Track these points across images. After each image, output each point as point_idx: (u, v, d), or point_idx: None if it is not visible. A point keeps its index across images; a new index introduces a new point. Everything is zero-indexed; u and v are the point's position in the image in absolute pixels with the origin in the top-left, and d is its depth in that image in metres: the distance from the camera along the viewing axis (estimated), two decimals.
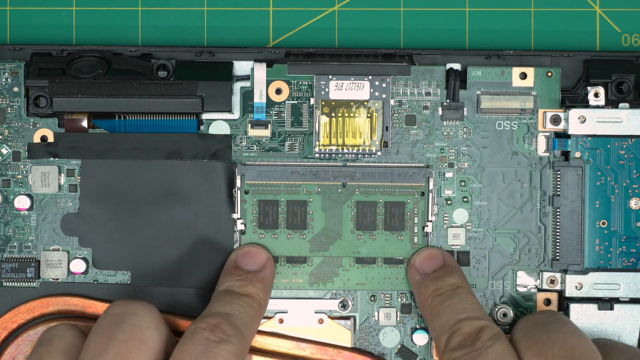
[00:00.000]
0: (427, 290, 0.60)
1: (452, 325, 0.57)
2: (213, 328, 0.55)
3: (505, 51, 0.64)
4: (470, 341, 0.55)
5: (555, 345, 0.54)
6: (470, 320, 0.56)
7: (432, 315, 0.59)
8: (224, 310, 0.57)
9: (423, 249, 0.63)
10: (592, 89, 0.63)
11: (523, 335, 0.56)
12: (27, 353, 0.63)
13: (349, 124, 0.63)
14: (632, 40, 0.68)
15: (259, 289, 0.60)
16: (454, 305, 0.58)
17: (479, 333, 0.55)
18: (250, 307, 0.58)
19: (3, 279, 0.63)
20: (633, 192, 0.63)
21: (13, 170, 0.64)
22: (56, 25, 0.68)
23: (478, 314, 0.57)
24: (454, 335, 0.56)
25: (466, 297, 0.59)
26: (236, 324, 0.56)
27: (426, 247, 0.63)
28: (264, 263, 0.61)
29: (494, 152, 0.64)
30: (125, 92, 0.62)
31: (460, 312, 0.57)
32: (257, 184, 0.63)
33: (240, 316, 0.57)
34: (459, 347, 0.55)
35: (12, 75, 0.63)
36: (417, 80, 0.64)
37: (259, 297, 0.59)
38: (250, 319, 0.58)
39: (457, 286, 0.59)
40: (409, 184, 0.63)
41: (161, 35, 0.68)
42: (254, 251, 0.62)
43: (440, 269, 0.61)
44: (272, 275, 0.62)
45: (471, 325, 0.56)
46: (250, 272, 0.60)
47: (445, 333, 0.57)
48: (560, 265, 0.63)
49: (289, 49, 0.64)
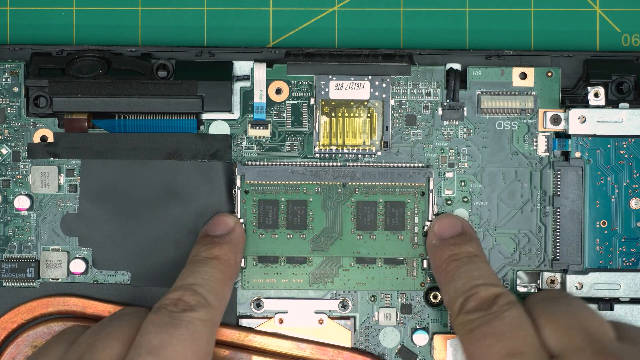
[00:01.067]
0: (442, 254, 0.60)
1: (468, 289, 0.57)
2: (176, 302, 0.56)
3: (505, 51, 0.64)
4: (486, 305, 0.55)
5: (568, 315, 0.55)
6: (486, 286, 0.57)
7: (446, 279, 0.59)
8: (187, 281, 0.57)
9: (443, 215, 0.63)
10: (592, 89, 0.63)
11: (536, 306, 0.56)
12: (27, 353, 0.63)
13: (349, 124, 0.63)
14: (632, 40, 0.68)
15: (225, 250, 0.60)
16: (470, 272, 0.58)
17: (495, 298, 0.56)
18: (217, 270, 0.58)
19: (3, 279, 0.63)
20: (633, 192, 0.63)
21: (13, 170, 0.64)
22: (56, 25, 0.68)
23: (494, 281, 0.58)
24: (470, 299, 0.56)
25: (483, 265, 0.59)
26: (200, 292, 0.56)
27: (447, 214, 0.63)
28: (232, 227, 0.61)
29: (494, 152, 0.64)
30: (125, 92, 0.62)
31: (476, 278, 0.57)
32: (257, 183, 0.63)
33: (205, 283, 0.57)
34: (474, 310, 0.56)
35: (12, 75, 0.63)
36: (417, 80, 0.64)
37: (226, 258, 0.59)
38: (218, 282, 0.58)
39: (474, 254, 0.60)
40: (409, 184, 0.63)
41: (161, 35, 0.68)
42: (222, 218, 0.62)
43: (458, 236, 0.61)
44: (240, 236, 0.62)
45: (488, 290, 0.56)
46: (218, 237, 0.61)
47: (460, 296, 0.57)
48: (560, 265, 0.63)
49: (289, 49, 0.64)
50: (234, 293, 0.64)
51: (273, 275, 0.64)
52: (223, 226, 0.61)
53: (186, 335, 0.54)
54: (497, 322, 0.54)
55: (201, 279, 0.57)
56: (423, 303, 0.64)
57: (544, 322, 0.55)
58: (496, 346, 0.53)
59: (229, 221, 0.62)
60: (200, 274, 0.58)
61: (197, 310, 0.55)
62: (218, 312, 0.57)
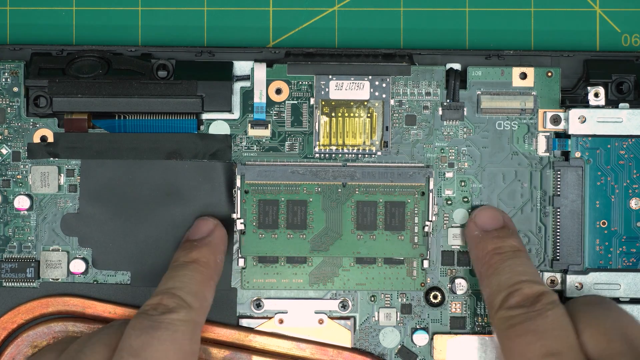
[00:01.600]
0: (486, 246, 0.60)
1: (511, 284, 0.57)
2: (156, 306, 0.56)
3: (505, 51, 0.64)
4: (529, 302, 0.55)
5: (608, 321, 0.55)
6: (531, 283, 0.57)
7: (488, 272, 0.59)
8: (166, 286, 0.57)
9: (485, 207, 0.63)
10: (592, 89, 0.63)
11: (577, 309, 0.56)
12: (26, 353, 0.63)
13: (349, 124, 0.63)
14: (632, 40, 0.68)
15: (204, 253, 0.60)
16: (514, 267, 0.58)
17: (539, 296, 0.56)
18: (197, 272, 0.58)
19: (3, 279, 0.63)
20: (633, 192, 0.63)
21: (13, 170, 0.64)
22: (56, 25, 0.68)
23: (538, 279, 0.58)
24: (513, 295, 0.56)
25: (526, 261, 0.59)
26: (178, 295, 0.57)
27: (487, 206, 0.63)
28: (211, 229, 0.61)
29: (494, 152, 0.64)
30: (125, 92, 0.62)
31: (521, 274, 0.57)
32: (257, 183, 0.63)
33: (183, 285, 0.57)
34: (517, 306, 0.56)
35: (12, 75, 0.63)
36: (417, 80, 0.64)
37: (205, 260, 0.59)
38: (198, 284, 0.58)
39: (518, 249, 0.59)
40: (409, 184, 0.63)
41: (161, 35, 0.68)
42: (201, 221, 0.62)
43: (500, 229, 0.61)
44: (220, 238, 0.62)
45: (532, 288, 0.56)
46: (197, 240, 0.61)
47: (503, 291, 0.57)
48: (560, 265, 0.63)
49: (289, 49, 0.64)
50: (234, 293, 0.64)
51: (273, 275, 0.64)
52: (203, 229, 0.61)
53: (166, 336, 0.54)
54: (540, 320, 0.54)
55: (179, 282, 0.58)
56: (423, 303, 0.64)
57: (584, 325, 0.55)
58: (536, 344, 0.53)
59: (209, 224, 0.62)
60: (178, 278, 0.58)
61: (177, 311, 0.56)
62: (199, 313, 0.57)
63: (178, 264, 0.59)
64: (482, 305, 0.64)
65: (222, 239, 0.62)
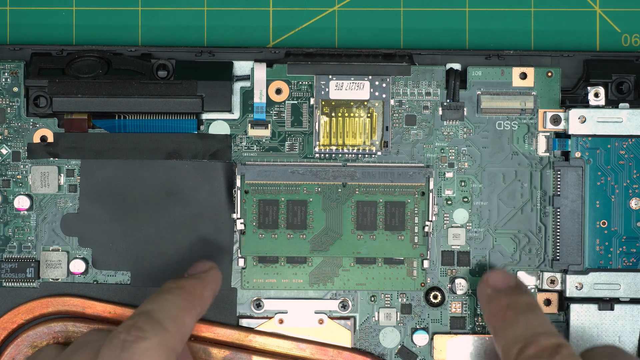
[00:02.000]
0: (499, 302, 0.59)
1: (528, 336, 0.56)
2: (129, 328, 0.54)
3: (505, 51, 0.64)
4: (547, 353, 0.54)
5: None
6: (548, 336, 0.55)
7: (503, 325, 0.58)
8: (145, 308, 0.56)
9: (495, 270, 0.62)
10: (592, 89, 0.63)
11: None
12: (27, 353, 0.63)
13: (349, 124, 0.63)
14: (632, 40, 0.68)
15: (193, 283, 0.59)
16: (530, 320, 0.57)
17: (557, 348, 0.54)
18: (179, 298, 0.57)
19: (3, 279, 0.63)
20: (633, 192, 0.63)
21: (13, 170, 0.64)
22: (56, 25, 0.68)
23: (555, 332, 0.57)
24: (530, 346, 0.55)
25: (542, 315, 0.58)
26: (156, 317, 0.55)
27: (498, 269, 0.63)
28: (207, 269, 0.61)
29: (494, 152, 0.64)
30: (125, 92, 0.62)
31: (537, 326, 0.56)
32: (257, 183, 0.63)
33: (163, 309, 0.56)
34: (535, 356, 0.54)
35: (12, 75, 0.63)
36: (417, 80, 0.64)
37: (191, 289, 0.58)
38: (178, 310, 0.56)
39: (532, 304, 0.59)
40: (409, 184, 0.63)
41: (161, 35, 0.68)
42: (200, 262, 0.61)
43: (514, 287, 0.60)
44: (214, 278, 0.60)
45: (550, 339, 0.55)
46: (189, 274, 0.60)
47: (518, 342, 0.56)
48: (560, 265, 0.63)
49: (289, 49, 0.64)
50: (234, 293, 0.64)
51: (273, 275, 0.64)
52: (200, 267, 0.61)
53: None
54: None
55: (159, 305, 0.56)
56: (423, 303, 0.64)
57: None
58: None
59: (206, 265, 0.61)
60: (160, 301, 0.56)
61: (150, 338, 0.54)
62: (175, 338, 0.55)
63: (164, 289, 0.58)
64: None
65: (215, 278, 0.60)
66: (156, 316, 0.55)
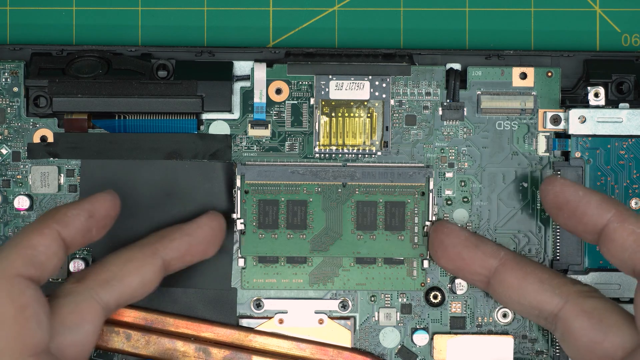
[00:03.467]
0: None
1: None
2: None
3: (505, 51, 0.64)
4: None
5: None
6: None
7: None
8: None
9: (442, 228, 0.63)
10: (592, 89, 0.63)
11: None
12: None
13: (349, 124, 0.63)
14: (632, 40, 0.68)
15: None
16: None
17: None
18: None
19: None
20: (633, 192, 0.63)
21: (13, 170, 0.64)
22: (56, 25, 0.68)
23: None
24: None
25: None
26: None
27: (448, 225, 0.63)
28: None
29: (494, 152, 0.64)
30: (125, 92, 0.62)
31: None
32: (257, 183, 0.63)
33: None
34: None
35: (12, 75, 0.63)
36: (417, 80, 0.64)
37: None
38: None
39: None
40: (409, 184, 0.63)
41: (161, 35, 0.68)
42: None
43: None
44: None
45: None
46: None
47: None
48: (560, 265, 0.63)
49: (289, 49, 0.64)
50: (234, 293, 0.64)
51: (273, 275, 0.64)
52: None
53: None
54: None
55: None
56: (423, 303, 0.64)
57: None
58: None
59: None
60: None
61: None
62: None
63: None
64: (482, 305, 0.64)
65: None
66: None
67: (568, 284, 0.57)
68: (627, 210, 0.55)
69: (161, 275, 0.58)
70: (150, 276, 0.58)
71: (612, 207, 0.55)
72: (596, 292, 0.57)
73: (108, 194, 0.57)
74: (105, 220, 0.57)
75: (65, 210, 0.56)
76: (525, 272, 0.58)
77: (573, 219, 0.56)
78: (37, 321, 0.52)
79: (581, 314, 0.55)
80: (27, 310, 0.52)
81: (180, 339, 0.63)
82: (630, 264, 0.54)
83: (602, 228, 0.55)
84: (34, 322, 0.52)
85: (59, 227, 0.55)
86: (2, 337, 0.51)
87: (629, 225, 0.55)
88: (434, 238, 0.61)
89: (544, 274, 0.58)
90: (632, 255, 0.54)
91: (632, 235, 0.54)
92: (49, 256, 0.54)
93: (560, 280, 0.57)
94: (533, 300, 0.57)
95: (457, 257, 0.60)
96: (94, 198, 0.57)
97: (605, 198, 0.56)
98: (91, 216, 0.56)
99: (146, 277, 0.57)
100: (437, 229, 0.61)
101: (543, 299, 0.57)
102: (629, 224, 0.55)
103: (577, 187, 0.56)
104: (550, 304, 0.56)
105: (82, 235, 0.56)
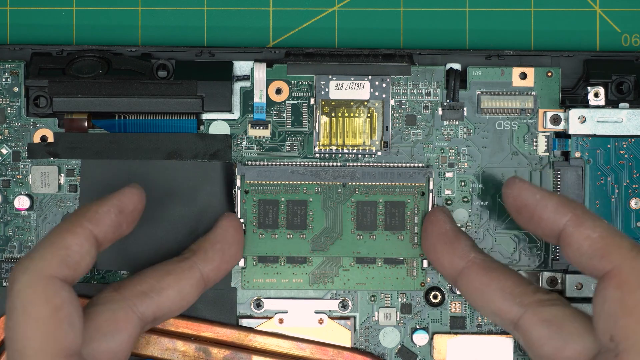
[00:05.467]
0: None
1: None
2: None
3: (505, 51, 0.64)
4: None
5: None
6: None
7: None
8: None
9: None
10: (592, 89, 0.63)
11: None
12: None
13: (349, 124, 0.63)
14: (632, 40, 0.68)
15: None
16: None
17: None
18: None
19: (3, 279, 0.63)
20: (633, 192, 0.63)
21: (13, 170, 0.64)
22: (56, 25, 0.68)
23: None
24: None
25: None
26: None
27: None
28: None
29: (494, 152, 0.64)
30: (125, 92, 0.62)
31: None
32: (257, 183, 0.63)
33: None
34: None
35: (12, 75, 0.63)
36: (417, 80, 0.64)
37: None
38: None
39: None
40: (409, 184, 0.63)
41: (161, 35, 0.68)
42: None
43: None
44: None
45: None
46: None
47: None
48: (560, 265, 0.63)
49: (289, 49, 0.64)
50: (234, 293, 0.64)
51: (273, 275, 0.64)
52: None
53: None
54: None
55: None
56: (423, 303, 0.64)
57: None
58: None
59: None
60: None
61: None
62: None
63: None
64: None
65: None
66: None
67: (529, 293, 0.56)
68: (585, 213, 0.55)
69: (200, 289, 0.58)
70: (188, 289, 0.58)
71: (568, 210, 0.55)
72: (558, 300, 0.56)
73: (134, 187, 0.57)
74: (133, 214, 0.57)
75: (96, 207, 0.55)
76: (489, 278, 0.57)
77: (532, 222, 0.56)
78: (70, 323, 0.52)
79: (539, 323, 0.55)
80: (62, 311, 0.52)
81: (180, 338, 0.63)
82: (588, 269, 0.54)
83: (559, 232, 0.55)
84: (67, 323, 0.51)
85: (92, 225, 0.54)
86: (36, 337, 0.51)
87: (585, 230, 0.54)
88: (424, 223, 0.61)
89: (507, 281, 0.57)
90: (588, 260, 0.54)
91: (587, 240, 0.54)
92: (83, 255, 0.54)
93: (523, 289, 0.56)
94: (494, 308, 0.56)
95: (432, 249, 0.60)
96: (121, 193, 0.57)
97: (563, 201, 0.55)
98: (121, 212, 0.56)
99: (184, 291, 0.57)
100: (428, 215, 0.61)
101: (503, 308, 0.56)
102: (584, 228, 0.54)
103: (534, 190, 0.56)
104: (509, 313, 0.56)
105: (113, 232, 0.56)
